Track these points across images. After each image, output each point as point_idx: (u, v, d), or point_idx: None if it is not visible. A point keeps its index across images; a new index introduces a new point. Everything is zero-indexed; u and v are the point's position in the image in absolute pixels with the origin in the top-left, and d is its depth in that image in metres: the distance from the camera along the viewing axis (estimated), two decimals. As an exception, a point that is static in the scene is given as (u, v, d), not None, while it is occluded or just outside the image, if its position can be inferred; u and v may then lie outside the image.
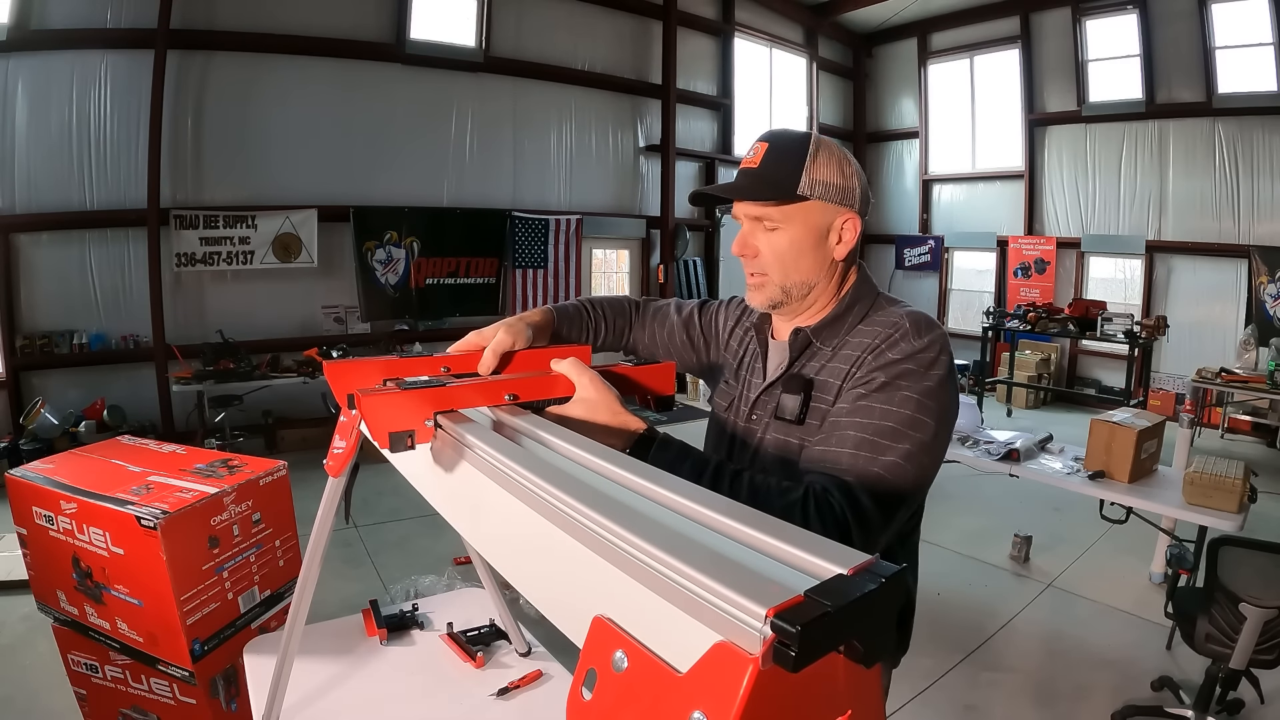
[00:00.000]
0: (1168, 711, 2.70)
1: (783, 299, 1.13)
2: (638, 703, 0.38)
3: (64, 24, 5.49)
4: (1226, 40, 7.61)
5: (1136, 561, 4.05)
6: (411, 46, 7.06)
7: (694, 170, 9.45)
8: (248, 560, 1.95)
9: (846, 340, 1.11)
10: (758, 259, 1.11)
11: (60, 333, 5.71)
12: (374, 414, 0.73)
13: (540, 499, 0.55)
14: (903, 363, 1.02)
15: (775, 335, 1.23)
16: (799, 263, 1.10)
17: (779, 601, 0.35)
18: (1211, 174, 7.88)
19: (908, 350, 1.03)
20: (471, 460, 0.69)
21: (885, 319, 1.09)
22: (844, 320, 1.13)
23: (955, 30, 9.96)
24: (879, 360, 1.03)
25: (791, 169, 1.06)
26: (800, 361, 1.14)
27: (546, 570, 0.55)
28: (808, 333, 1.13)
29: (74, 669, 2.10)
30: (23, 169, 5.50)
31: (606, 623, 0.42)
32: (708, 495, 0.51)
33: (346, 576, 3.84)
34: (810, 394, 1.09)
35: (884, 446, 0.98)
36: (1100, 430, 3.36)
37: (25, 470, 1.95)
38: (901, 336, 1.04)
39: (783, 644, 0.33)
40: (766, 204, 1.07)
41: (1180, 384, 7.76)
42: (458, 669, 1.50)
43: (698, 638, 0.37)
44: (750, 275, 1.14)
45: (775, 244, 1.09)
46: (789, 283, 1.11)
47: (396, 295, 7.18)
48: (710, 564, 0.39)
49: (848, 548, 0.42)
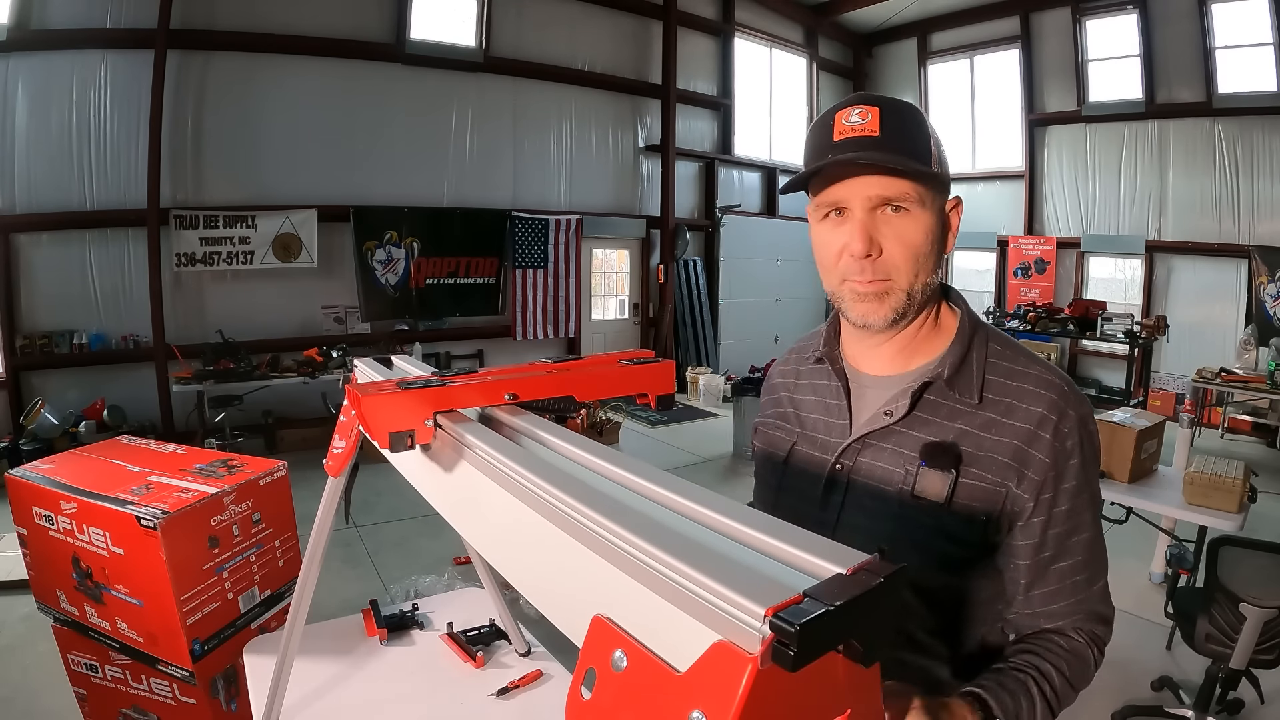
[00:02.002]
0: (1168, 711, 2.70)
1: (907, 309, 0.89)
2: (637, 702, 0.38)
3: (64, 24, 5.49)
4: (1226, 40, 7.61)
5: (1136, 561, 4.05)
6: (412, 46, 7.06)
7: (694, 170, 9.45)
8: (248, 560, 1.95)
9: (993, 401, 0.90)
10: (881, 258, 0.87)
11: (60, 333, 5.72)
12: (374, 414, 0.73)
13: (539, 498, 0.54)
14: (1083, 462, 0.90)
15: (854, 364, 1.00)
16: (929, 259, 0.89)
17: (778, 601, 0.35)
18: (1211, 174, 7.88)
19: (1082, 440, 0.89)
20: (471, 460, 0.69)
21: (1025, 380, 0.91)
22: (970, 362, 0.92)
23: (955, 30, 9.97)
24: (1059, 464, 0.87)
25: (921, 137, 0.86)
26: (919, 413, 0.92)
27: (546, 570, 0.55)
28: (940, 382, 0.91)
29: (74, 669, 2.10)
30: (23, 169, 5.51)
31: (606, 622, 0.42)
32: (708, 495, 0.51)
33: (346, 576, 3.84)
34: (959, 469, 0.88)
35: (1098, 569, 0.94)
36: (1100, 430, 3.34)
37: (25, 470, 1.95)
38: (1063, 423, 0.88)
39: (781, 643, 0.33)
40: (903, 180, 0.85)
41: (1180, 384, 7.76)
42: (458, 669, 1.50)
43: (697, 637, 0.37)
44: (869, 281, 0.88)
45: (909, 234, 0.86)
46: (916, 286, 0.89)
47: (396, 295, 7.18)
48: (709, 563, 0.39)
49: (848, 548, 0.41)
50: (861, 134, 0.84)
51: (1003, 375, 0.91)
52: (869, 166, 0.84)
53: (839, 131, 0.85)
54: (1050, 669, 0.85)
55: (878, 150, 0.83)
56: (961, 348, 0.93)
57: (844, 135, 0.85)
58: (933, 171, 0.85)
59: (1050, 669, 0.85)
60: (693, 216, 9.37)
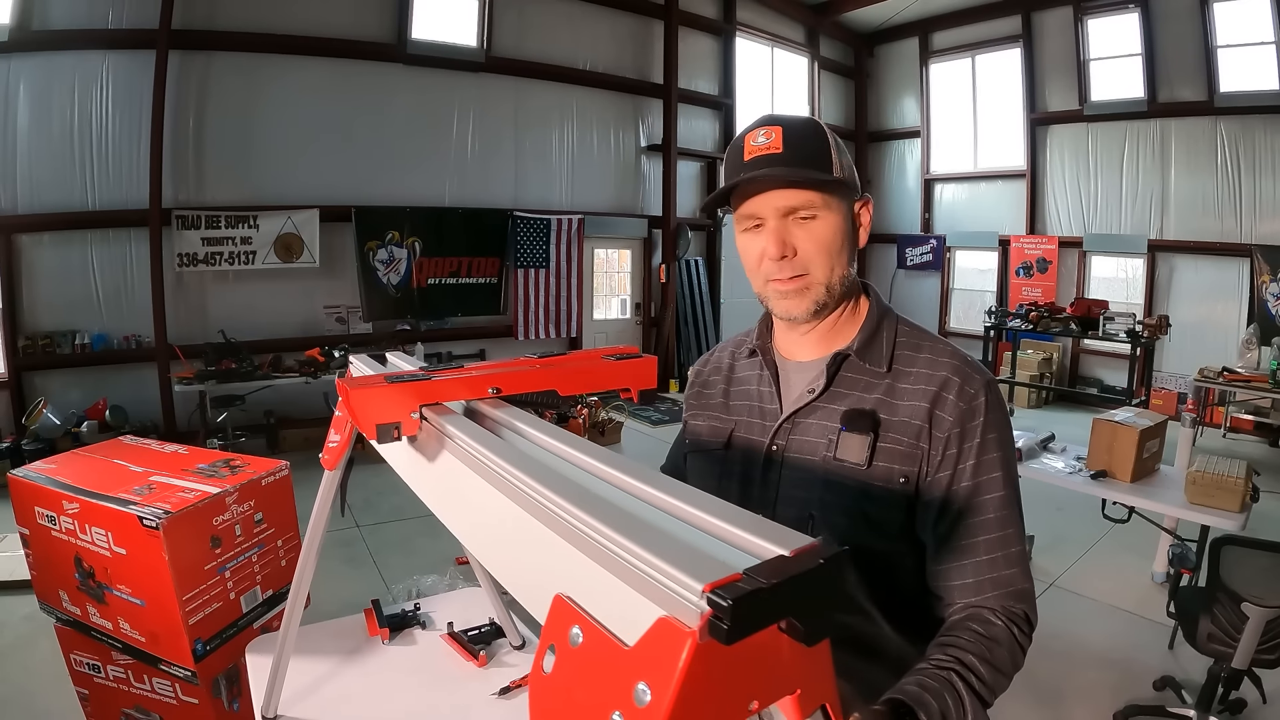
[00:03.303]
0: (1170, 711, 2.70)
1: (827, 300, 1.00)
2: (590, 675, 0.40)
3: (65, 24, 5.50)
4: (1228, 39, 7.60)
5: (1138, 561, 4.04)
6: (413, 46, 7.07)
7: (696, 170, 9.46)
8: (250, 560, 1.95)
9: (902, 371, 1.01)
10: (796, 258, 0.97)
11: (62, 333, 5.72)
12: (361, 406, 0.76)
13: (512, 485, 0.57)
14: (988, 423, 0.97)
15: (785, 354, 1.11)
16: (842, 255, 0.99)
17: (716, 578, 0.36)
18: (1213, 173, 7.87)
19: (989, 402, 0.98)
20: (451, 450, 0.71)
21: (930, 351, 1.02)
22: (879, 338, 1.03)
23: (957, 29, 9.96)
24: (964, 421, 0.96)
25: (820, 149, 0.97)
26: (837, 389, 1.02)
27: (516, 553, 0.58)
28: (852, 355, 1.02)
29: (76, 669, 2.10)
30: (24, 169, 5.52)
31: (565, 601, 0.44)
32: (670, 483, 0.53)
33: (348, 576, 3.85)
34: (878, 433, 0.97)
35: (1013, 533, 0.97)
36: (1102, 429, 3.35)
37: (27, 470, 1.96)
38: (967, 385, 0.98)
39: (717, 618, 0.34)
40: (806, 190, 0.95)
41: (1182, 383, 7.76)
42: (460, 668, 1.50)
43: (644, 613, 0.38)
44: (788, 279, 0.99)
45: (818, 235, 0.97)
46: (833, 279, 0.99)
47: (398, 295, 7.19)
48: (657, 543, 0.41)
49: (797, 533, 0.43)
50: (767, 152, 0.95)
51: (910, 349, 1.02)
52: (775, 181, 0.94)
53: (748, 151, 0.96)
54: (973, 659, 0.86)
55: (782, 165, 0.94)
56: (871, 325, 1.04)
57: (752, 155, 0.96)
58: (834, 179, 0.96)
59: (973, 659, 0.86)
60: (694, 216, 9.37)
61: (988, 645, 0.89)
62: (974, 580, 0.95)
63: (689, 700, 0.35)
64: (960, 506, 0.96)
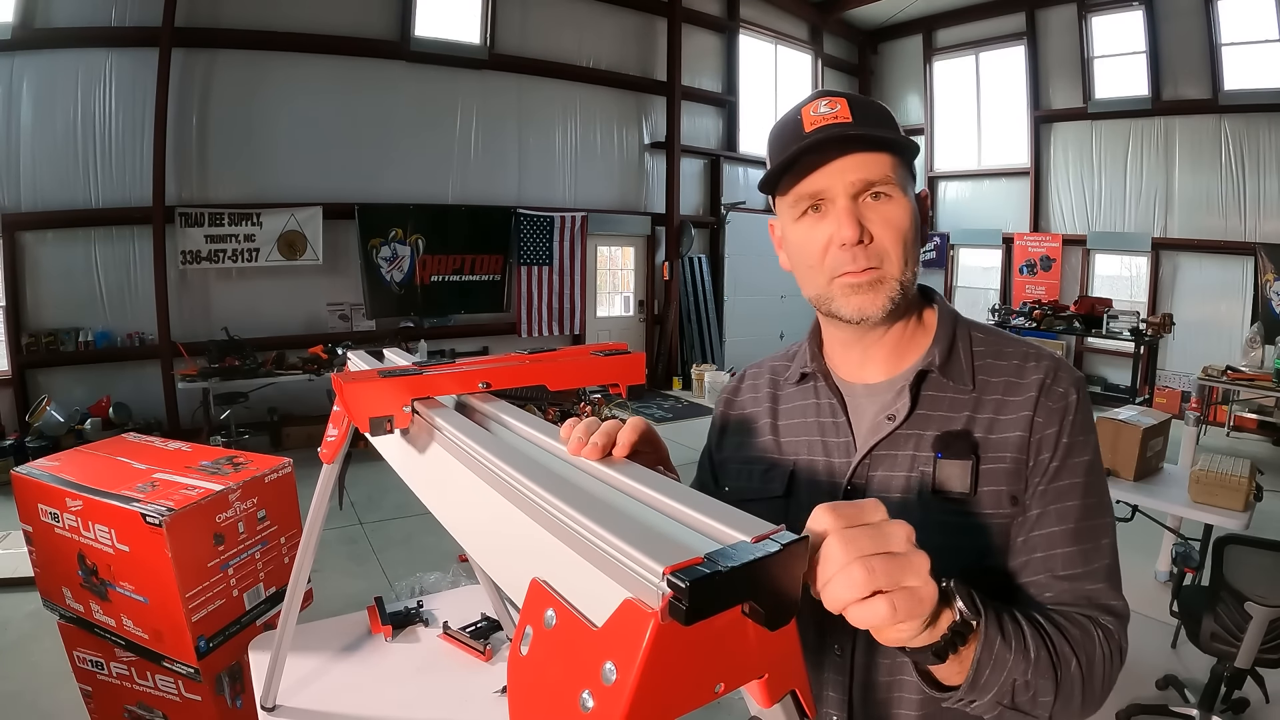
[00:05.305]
0: (1173, 710, 2.69)
1: (900, 301, 0.82)
2: (563, 655, 0.41)
3: (69, 22, 5.51)
4: (1233, 37, 7.57)
5: (1142, 560, 4.03)
6: (416, 44, 7.07)
7: (699, 167, 9.45)
8: (253, 557, 1.96)
9: (988, 383, 0.85)
10: (873, 244, 0.80)
11: (66, 330, 5.74)
12: (355, 400, 0.77)
13: (495, 475, 0.59)
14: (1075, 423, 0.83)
15: (846, 377, 0.92)
16: (915, 247, 0.83)
17: (677, 561, 0.37)
18: (1218, 171, 7.85)
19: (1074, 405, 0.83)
20: (440, 442, 0.73)
21: (1017, 357, 0.86)
22: (957, 350, 0.87)
23: (960, 27, 9.94)
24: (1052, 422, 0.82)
25: (890, 121, 0.82)
26: (921, 411, 0.85)
27: (499, 541, 0.59)
28: (934, 373, 0.85)
29: (79, 666, 2.11)
30: (28, 167, 5.53)
31: (541, 585, 0.45)
32: (646, 474, 0.55)
33: (351, 574, 3.85)
34: (979, 455, 0.81)
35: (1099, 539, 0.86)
36: (1105, 428, 3.34)
37: (31, 467, 1.96)
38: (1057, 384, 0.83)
39: (676, 599, 0.36)
40: (884, 156, 0.80)
41: (1186, 382, 7.73)
42: (462, 664, 1.50)
43: (612, 595, 0.40)
44: (863, 270, 0.81)
45: (894, 219, 0.80)
46: (907, 276, 0.82)
47: (402, 292, 7.19)
48: (625, 528, 0.43)
49: (760, 520, 0.44)
50: (834, 120, 0.79)
51: (992, 357, 0.87)
52: (847, 148, 0.79)
53: (809, 123, 0.80)
54: (1053, 630, 0.76)
55: (858, 132, 0.78)
56: (947, 337, 0.88)
57: (815, 124, 0.80)
58: (912, 142, 0.82)
59: (1053, 630, 0.76)
60: (698, 213, 9.36)
61: (1073, 626, 0.79)
62: (1049, 576, 0.84)
63: (652, 679, 0.36)
64: (1039, 510, 0.83)
